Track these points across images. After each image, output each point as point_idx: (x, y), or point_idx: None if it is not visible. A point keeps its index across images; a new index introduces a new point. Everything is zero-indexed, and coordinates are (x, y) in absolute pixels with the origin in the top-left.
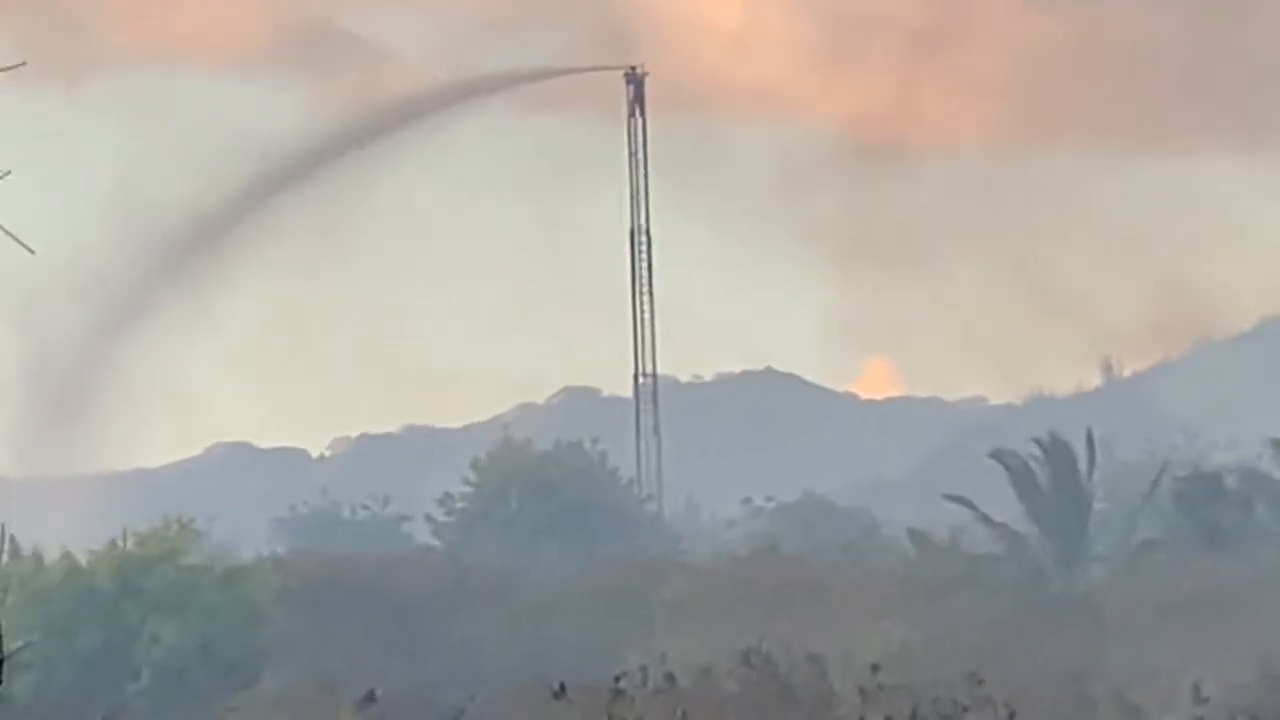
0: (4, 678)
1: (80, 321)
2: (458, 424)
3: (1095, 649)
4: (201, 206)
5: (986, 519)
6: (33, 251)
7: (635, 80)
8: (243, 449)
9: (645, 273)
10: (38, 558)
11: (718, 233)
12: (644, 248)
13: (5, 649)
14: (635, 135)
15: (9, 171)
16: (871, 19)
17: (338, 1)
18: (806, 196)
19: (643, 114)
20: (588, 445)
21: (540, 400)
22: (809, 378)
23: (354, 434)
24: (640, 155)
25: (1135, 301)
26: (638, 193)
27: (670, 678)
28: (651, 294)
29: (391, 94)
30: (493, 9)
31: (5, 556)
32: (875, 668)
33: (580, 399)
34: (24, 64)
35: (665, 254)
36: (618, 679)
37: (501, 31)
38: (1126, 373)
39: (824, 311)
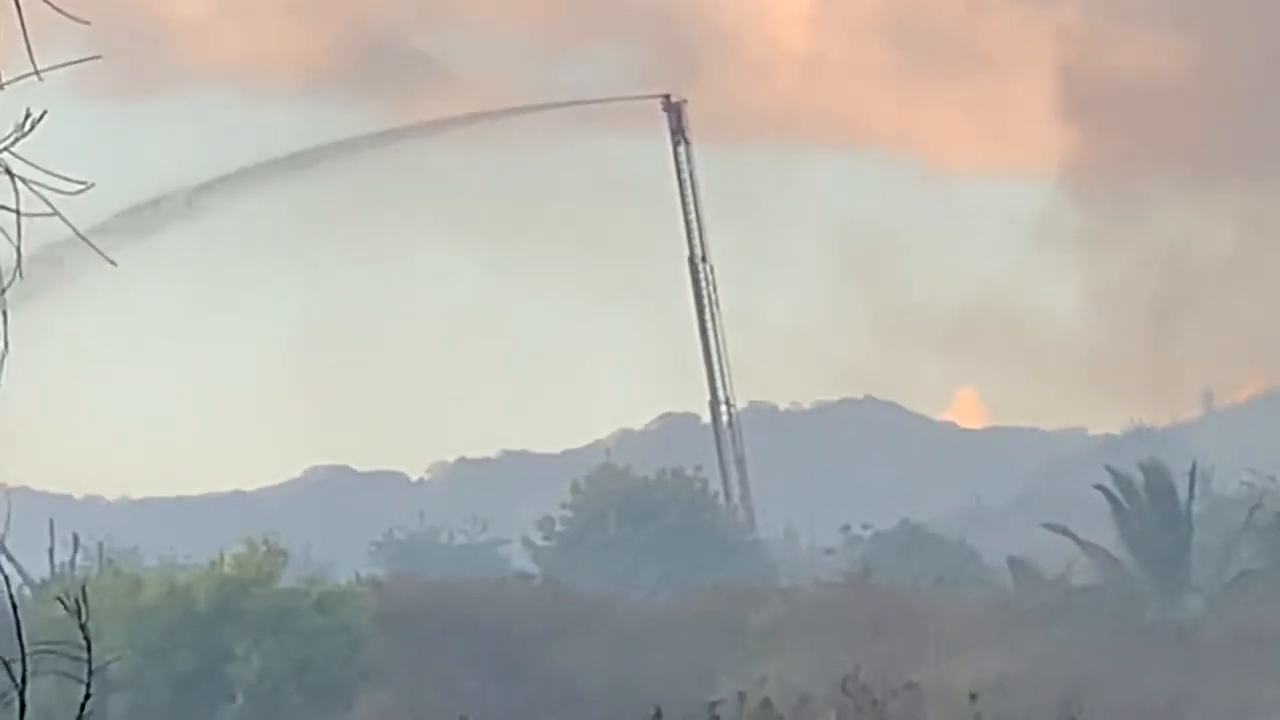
0: (94, 690)
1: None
2: (555, 449)
3: (1191, 681)
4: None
5: (1085, 545)
6: (114, 264)
7: (672, 109)
8: (341, 472)
9: (709, 301)
10: (135, 578)
11: (796, 258)
12: (706, 275)
13: (95, 662)
14: (682, 163)
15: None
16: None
17: (406, 21)
18: (876, 222)
19: (686, 141)
20: (690, 472)
21: (639, 427)
22: (908, 406)
23: (452, 459)
24: (689, 183)
25: (1236, 331)
26: (691, 220)
27: (767, 704)
28: (715, 321)
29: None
30: (561, 31)
31: (101, 574)
32: (973, 696)
33: (679, 425)
34: (99, 57)
35: (749, 281)
36: (713, 705)
37: (567, 54)
38: (1226, 404)
39: (917, 339)
